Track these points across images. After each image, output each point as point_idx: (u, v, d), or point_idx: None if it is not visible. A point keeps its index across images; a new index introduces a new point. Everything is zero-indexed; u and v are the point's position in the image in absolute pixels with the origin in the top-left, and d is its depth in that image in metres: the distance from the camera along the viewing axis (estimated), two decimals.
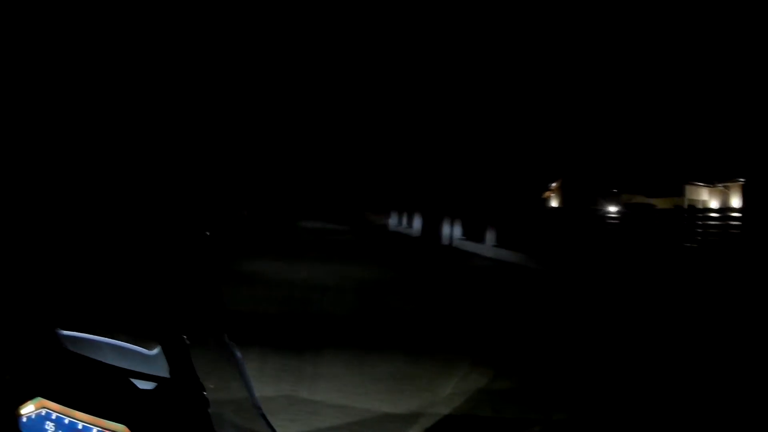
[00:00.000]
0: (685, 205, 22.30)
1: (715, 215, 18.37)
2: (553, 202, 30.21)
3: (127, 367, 1.59)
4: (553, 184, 30.06)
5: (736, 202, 21.55)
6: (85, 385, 1.53)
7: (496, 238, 23.89)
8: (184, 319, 1.69)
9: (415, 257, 22.61)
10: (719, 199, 23.25)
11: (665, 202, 23.33)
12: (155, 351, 1.66)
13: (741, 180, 20.93)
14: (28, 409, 1.49)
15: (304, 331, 7.98)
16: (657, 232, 17.72)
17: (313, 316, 9.24)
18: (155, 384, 1.58)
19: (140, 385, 1.56)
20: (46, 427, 1.48)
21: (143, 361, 1.66)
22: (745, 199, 19.39)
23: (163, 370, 1.59)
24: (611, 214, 22.40)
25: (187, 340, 1.58)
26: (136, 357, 1.68)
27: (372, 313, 10.01)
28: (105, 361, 1.59)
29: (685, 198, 23.48)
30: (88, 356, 1.60)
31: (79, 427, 1.46)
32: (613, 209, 23.12)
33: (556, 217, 25.31)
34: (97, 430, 1.45)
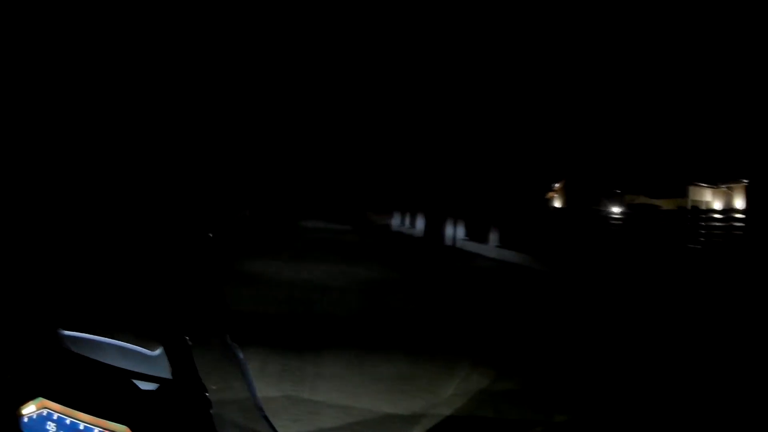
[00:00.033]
0: (689, 206, 22.22)
1: (719, 216, 18.32)
2: (557, 203, 30.13)
3: (129, 368, 1.59)
4: (557, 185, 29.98)
5: (739, 203, 21.48)
6: (87, 386, 1.53)
7: (499, 239, 23.88)
8: (187, 319, 1.69)
9: (418, 258, 22.59)
10: (722, 200, 23.15)
11: (668, 203, 23.25)
12: (157, 352, 1.66)
13: (744, 181, 20.86)
14: (29, 409, 1.49)
15: (306, 332, 7.99)
16: (660, 233, 17.68)
17: (314, 317, 9.24)
18: (157, 385, 1.57)
19: (142, 386, 1.56)
20: (48, 428, 1.47)
21: (145, 362, 1.66)
22: (749, 200, 19.34)
23: (165, 371, 1.59)
24: (614, 215, 22.36)
25: (189, 341, 1.58)
26: (138, 358, 1.68)
27: (374, 314, 10.00)
28: (107, 362, 1.59)
29: (689, 199, 23.37)
30: (89, 357, 1.59)
31: (81, 427, 1.46)
32: (616, 210, 23.07)
33: (560, 218, 25.26)
34: (99, 431, 1.45)
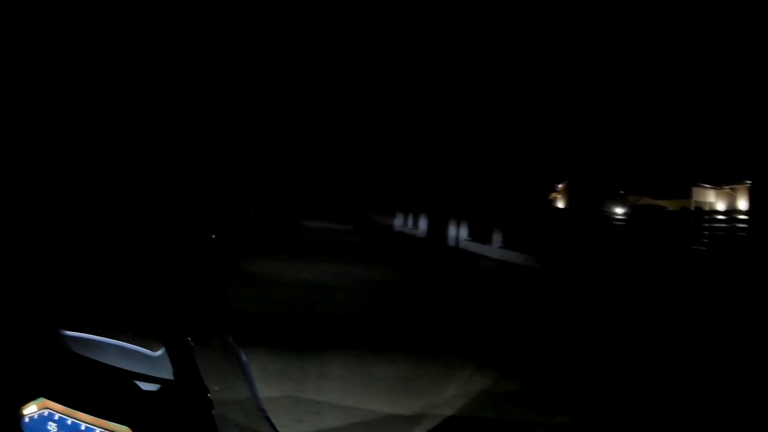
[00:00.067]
0: (692, 207, 22.17)
1: (722, 217, 18.27)
2: (560, 204, 30.08)
3: (130, 369, 1.58)
4: (560, 186, 29.90)
5: (742, 204, 21.42)
6: (88, 386, 1.52)
7: (502, 240, 23.85)
8: (189, 320, 1.69)
9: (421, 258, 22.59)
10: (726, 201, 23.08)
11: (672, 204, 23.19)
12: (159, 352, 1.66)
13: (747, 182, 20.82)
14: (30, 410, 1.48)
15: (308, 332, 7.99)
16: (664, 234, 17.64)
17: (316, 317, 9.24)
18: (159, 385, 1.57)
19: (144, 387, 1.56)
20: (49, 428, 1.47)
21: (147, 363, 1.65)
22: (752, 201, 19.29)
23: (167, 372, 1.58)
24: (618, 216, 22.30)
25: (191, 342, 1.58)
26: (139, 358, 1.68)
27: (375, 314, 10.00)
28: (108, 363, 1.59)
29: (692, 200, 23.31)
30: (91, 357, 1.59)
31: (82, 428, 1.45)
32: (619, 210, 23.01)
33: (563, 219, 25.21)
34: (100, 431, 1.45)
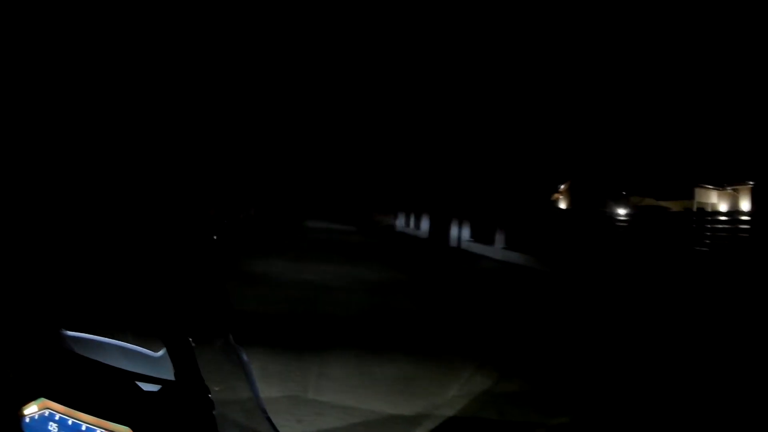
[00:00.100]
0: (695, 208, 22.15)
1: (725, 218, 18.23)
2: (562, 204, 30.05)
3: (131, 369, 1.58)
4: (562, 186, 29.90)
5: (745, 205, 21.41)
6: (89, 387, 1.52)
7: (504, 240, 23.82)
8: (190, 320, 1.68)
9: (423, 259, 22.58)
10: (728, 202, 23.06)
11: (674, 205, 23.19)
12: (160, 353, 1.66)
13: (750, 183, 20.80)
14: (31, 410, 1.48)
15: (310, 332, 7.99)
16: (666, 236, 17.61)
17: (318, 317, 9.24)
18: (160, 386, 1.57)
19: (145, 387, 1.55)
20: (50, 428, 1.47)
21: (148, 363, 1.65)
22: (754, 202, 19.28)
23: (168, 372, 1.58)
24: (620, 217, 22.28)
25: (192, 342, 1.57)
26: (140, 358, 1.67)
27: (377, 315, 9.99)
28: (109, 363, 1.58)
29: (695, 201, 23.30)
30: (92, 357, 1.59)
31: (83, 428, 1.45)
32: (621, 211, 22.99)
33: (565, 220, 25.19)
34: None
